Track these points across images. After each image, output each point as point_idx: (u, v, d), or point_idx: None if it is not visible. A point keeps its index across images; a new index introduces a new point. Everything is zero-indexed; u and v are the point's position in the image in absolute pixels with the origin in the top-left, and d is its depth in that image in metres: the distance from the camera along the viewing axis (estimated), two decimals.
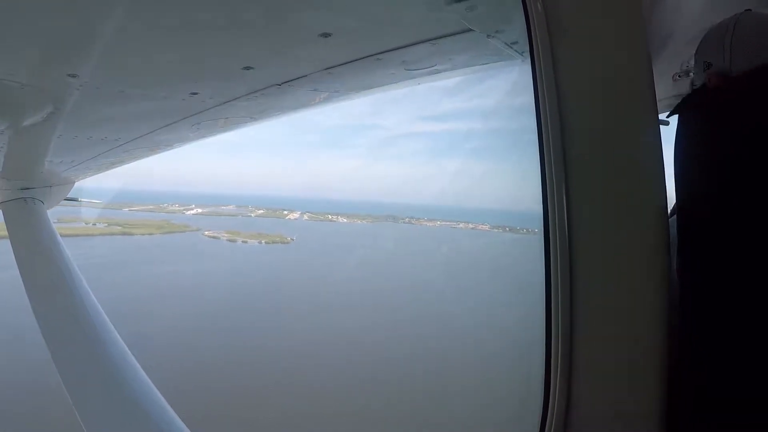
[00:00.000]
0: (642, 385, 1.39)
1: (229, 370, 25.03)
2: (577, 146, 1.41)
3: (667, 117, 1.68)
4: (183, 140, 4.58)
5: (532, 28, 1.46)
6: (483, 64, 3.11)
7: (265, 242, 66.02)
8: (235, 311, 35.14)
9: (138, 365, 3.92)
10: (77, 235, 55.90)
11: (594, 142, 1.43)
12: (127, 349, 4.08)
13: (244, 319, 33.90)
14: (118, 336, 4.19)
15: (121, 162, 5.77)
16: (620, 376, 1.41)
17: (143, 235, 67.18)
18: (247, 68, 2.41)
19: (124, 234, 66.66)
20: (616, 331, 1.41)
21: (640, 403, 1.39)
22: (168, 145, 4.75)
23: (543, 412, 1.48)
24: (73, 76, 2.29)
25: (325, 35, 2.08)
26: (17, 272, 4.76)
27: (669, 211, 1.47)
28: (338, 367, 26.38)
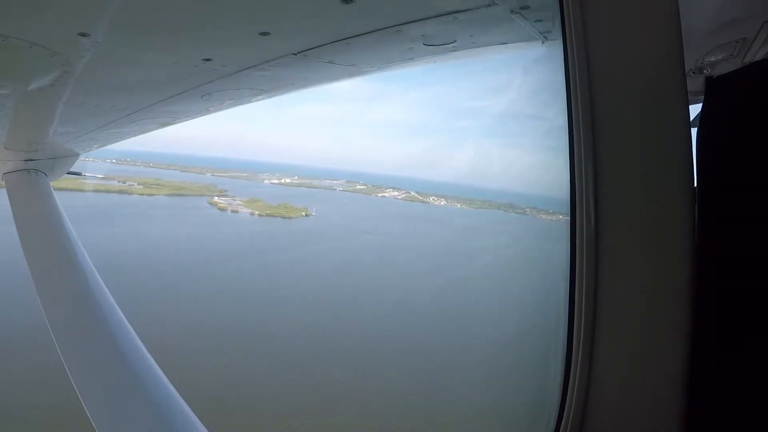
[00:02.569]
0: (662, 386, 1.35)
1: None
2: (608, 134, 1.39)
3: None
4: (192, 112, 4.50)
5: (565, 13, 1.44)
6: (503, 44, 3.04)
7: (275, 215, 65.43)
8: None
9: (138, 339, 3.91)
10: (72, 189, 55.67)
11: (625, 130, 1.41)
12: (126, 320, 4.06)
13: None
14: (119, 309, 4.17)
15: (127, 134, 5.71)
16: (639, 374, 1.38)
17: (141, 195, 68.11)
18: (264, 34, 2.34)
19: (120, 192, 67.61)
20: (640, 326, 1.38)
21: (659, 404, 1.36)
22: (176, 117, 4.67)
23: (560, 410, 1.45)
24: (85, 35, 2.21)
25: (347, 1, 2.01)
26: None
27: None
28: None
